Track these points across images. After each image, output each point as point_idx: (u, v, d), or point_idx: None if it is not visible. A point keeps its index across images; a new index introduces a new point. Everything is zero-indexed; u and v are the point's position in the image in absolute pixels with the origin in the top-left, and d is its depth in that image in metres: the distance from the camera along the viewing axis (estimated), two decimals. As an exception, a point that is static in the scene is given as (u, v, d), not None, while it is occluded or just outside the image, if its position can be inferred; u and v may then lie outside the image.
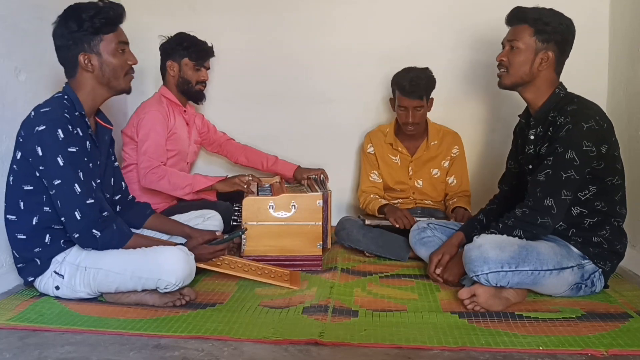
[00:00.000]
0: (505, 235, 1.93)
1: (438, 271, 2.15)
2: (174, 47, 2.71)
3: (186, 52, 2.69)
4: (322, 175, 2.86)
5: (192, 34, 2.74)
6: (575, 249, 1.97)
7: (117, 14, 1.94)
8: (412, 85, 2.61)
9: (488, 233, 1.98)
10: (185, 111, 2.78)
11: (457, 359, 1.55)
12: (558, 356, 1.55)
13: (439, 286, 2.15)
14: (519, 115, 2.23)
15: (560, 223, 1.98)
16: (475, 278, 1.90)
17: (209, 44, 2.76)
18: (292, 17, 3.07)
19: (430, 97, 2.70)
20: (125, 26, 3.23)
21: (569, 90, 2.06)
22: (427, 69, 2.69)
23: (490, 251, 1.87)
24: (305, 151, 3.07)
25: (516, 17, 2.05)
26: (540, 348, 1.59)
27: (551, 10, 2.03)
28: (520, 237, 1.94)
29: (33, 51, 2.28)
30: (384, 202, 2.72)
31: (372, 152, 2.86)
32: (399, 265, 2.47)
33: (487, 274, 1.86)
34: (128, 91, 2.03)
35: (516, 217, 1.96)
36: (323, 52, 3.06)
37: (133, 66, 2.01)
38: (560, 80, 2.08)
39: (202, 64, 2.74)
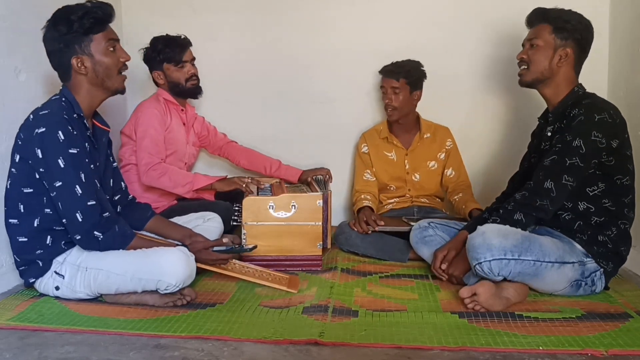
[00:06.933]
0: (508, 226, 1.95)
1: (444, 266, 2.15)
2: (152, 55, 2.68)
3: (163, 57, 2.65)
4: (327, 175, 2.86)
5: (178, 33, 2.70)
6: (579, 246, 1.98)
7: (106, 13, 1.93)
8: (391, 65, 2.77)
9: (491, 221, 2.00)
10: (183, 110, 2.77)
11: (457, 359, 1.55)
12: (558, 356, 1.55)
13: (439, 286, 2.15)
14: (538, 118, 2.26)
15: (568, 212, 1.99)
16: (477, 267, 1.90)
17: (182, 36, 2.69)
18: (292, 16, 3.07)
19: (417, 89, 2.75)
20: (125, 26, 3.25)
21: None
22: (417, 61, 2.78)
23: (494, 238, 1.88)
24: (305, 151, 3.07)
25: (537, 16, 2.12)
26: (540, 348, 1.59)
27: (571, 10, 2.09)
28: (520, 221, 1.97)
29: (33, 51, 2.28)
30: (365, 204, 2.73)
31: (366, 152, 2.88)
32: (399, 265, 2.47)
33: (490, 261, 1.87)
34: (122, 91, 2.02)
35: (516, 201, 1.99)
36: (323, 52, 3.06)
37: (126, 63, 1.99)
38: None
39: (182, 60, 2.67)
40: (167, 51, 2.66)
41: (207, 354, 1.57)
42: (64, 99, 1.93)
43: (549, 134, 2.11)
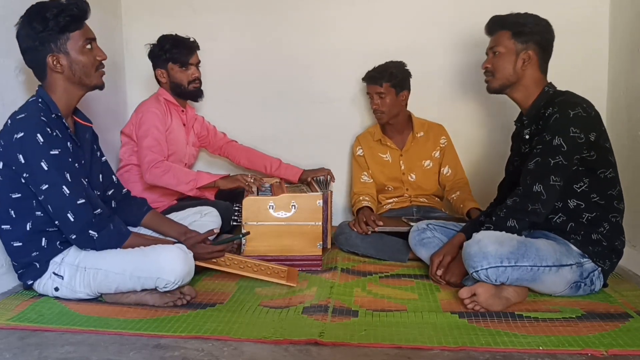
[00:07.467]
0: (503, 232, 1.94)
1: (439, 272, 2.15)
2: (158, 54, 2.68)
3: (169, 56, 2.66)
4: (328, 176, 2.87)
5: (179, 33, 2.70)
6: (574, 247, 1.97)
7: (82, 10, 1.90)
8: (373, 71, 2.76)
9: (484, 229, 2.00)
10: (183, 111, 2.77)
11: (457, 359, 1.55)
12: (558, 356, 1.55)
13: (439, 286, 2.15)
14: (514, 122, 2.26)
15: (560, 214, 1.99)
16: (474, 274, 1.90)
17: (191, 39, 2.70)
18: (293, 16, 3.07)
19: (403, 89, 2.74)
20: (125, 26, 3.24)
21: (568, 89, 2.08)
22: (400, 62, 2.76)
23: (490, 246, 1.87)
24: (305, 151, 3.07)
25: (494, 24, 2.15)
26: (540, 348, 1.59)
27: (527, 13, 2.11)
28: (514, 228, 1.96)
29: (33, 51, 2.28)
30: (364, 204, 2.73)
31: (362, 155, 2.89)
32: (399, 265, 2.46)
33: (486, 269, 1.86)
34: (101, 87, 2.00)
35: (508, 207, 1.99)
36: (323, 52, 3.06)
37: (103, 61, 1.97)
38: (560, 79, 2.12)
39: (188, 63, 2.68)
40: (175, 51, 2.66)
41: (207, 354, 1.57)
42: (40, 100, 1.90)
43: (527, 136, 2.11)
